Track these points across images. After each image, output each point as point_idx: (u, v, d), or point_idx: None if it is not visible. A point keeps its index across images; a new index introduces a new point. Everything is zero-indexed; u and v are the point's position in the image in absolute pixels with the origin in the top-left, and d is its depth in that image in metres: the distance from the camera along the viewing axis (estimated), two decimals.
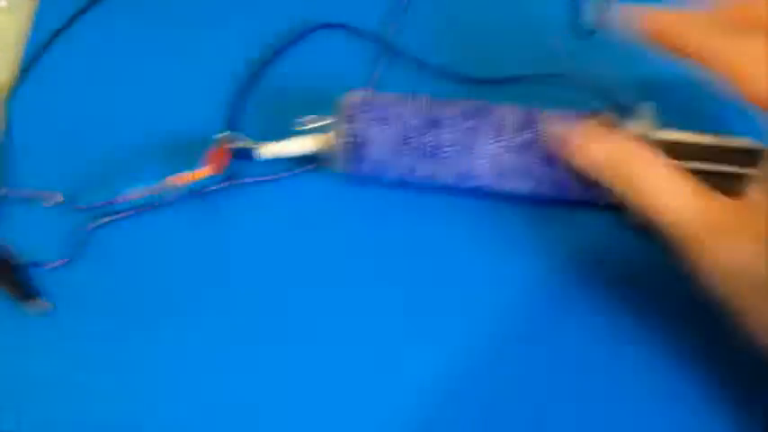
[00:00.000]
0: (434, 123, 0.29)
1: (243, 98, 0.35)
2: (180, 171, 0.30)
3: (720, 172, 0.30)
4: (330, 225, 0.32)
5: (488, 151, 0.29)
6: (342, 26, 0.37)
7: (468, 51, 0.36)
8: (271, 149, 0.31)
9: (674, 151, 0.30)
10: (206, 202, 0.32)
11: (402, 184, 0.31)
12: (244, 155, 0.32)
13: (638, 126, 0.31)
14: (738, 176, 0.30)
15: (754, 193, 0.25)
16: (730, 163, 0.30)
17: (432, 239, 0.32)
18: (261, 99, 0.35)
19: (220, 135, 0.32)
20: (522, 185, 0.30)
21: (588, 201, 0.31)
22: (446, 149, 0.29)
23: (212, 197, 0.32)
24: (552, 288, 0.31)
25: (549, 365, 0.29)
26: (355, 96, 0.30)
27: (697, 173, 0.30)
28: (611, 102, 0.33)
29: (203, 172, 0.30)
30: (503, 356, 0.30)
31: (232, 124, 0.34)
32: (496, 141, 0.29)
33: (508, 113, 0.30)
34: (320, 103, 0.31)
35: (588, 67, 0.35)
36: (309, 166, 0.32)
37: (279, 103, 0.35)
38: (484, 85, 0.35)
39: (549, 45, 0.35)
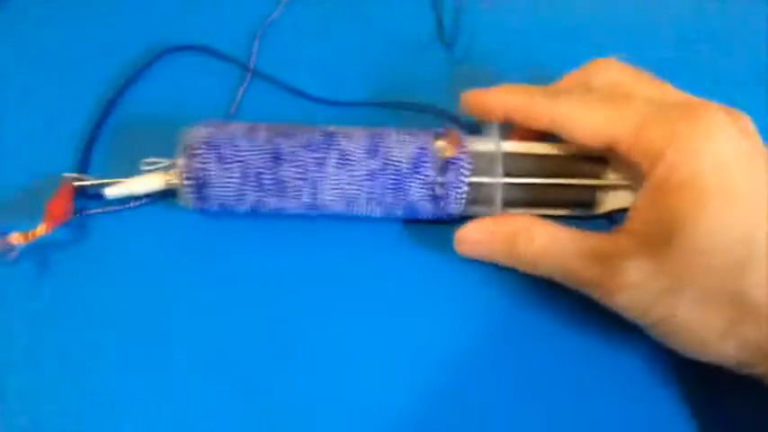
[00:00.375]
0: (277, 158, 0.29)
1: (94, 135, 0.33)
2: (24, 223, 0.29)
3: (569, 184, 0.30)
4: (188, 257, 0.31)
5: (335, 183, 0.29)
6: (197, 48, 0.35)
7: (327, 74, 0.35)
8: (117, 189, 0.30)
9: (521, 163, 0.30)
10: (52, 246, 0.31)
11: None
12: (92, 195, 0.31)
13: (485, 141, 0.30)
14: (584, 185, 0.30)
15: (631, 222, 0.26)
16: (577, 170, 0.30)
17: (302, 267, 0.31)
18: (115, 133, 0.33)
19: (63, 177, 0.31)
20: (373, 211, 0.30)
21: (443, 220, 0.31)
22: (291, 183, 0.29)
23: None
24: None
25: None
26: (197, 132, 0.29)
27: (548, 185, 0.30)
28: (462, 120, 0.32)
29: (41, 230, 0.28)
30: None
31: (83, 164, 0.32)
32: (342, 172, 0.29)
33: (353, 142, 0.29)
34: (177, 132, 0.30)
35: (451, 81, 0.35)
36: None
37: (135, 135, 0.33)
38: (345, 107, 0.34)
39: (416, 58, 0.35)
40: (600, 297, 0.26)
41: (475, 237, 0.29)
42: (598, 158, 0.30)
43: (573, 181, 0.30)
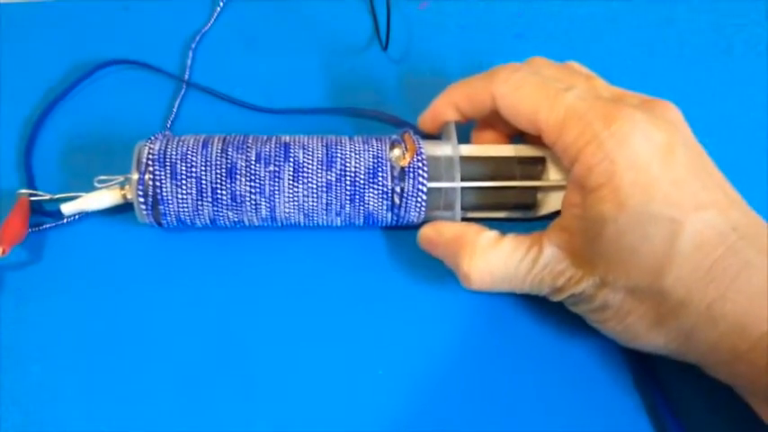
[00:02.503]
0: (231, 173, 0.28)
1: (29, 152, 0.32)
2: None
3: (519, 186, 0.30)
4: (150, 270, 0.31)
5: (291, 195, 0.28)
6: (130, 62, 0.35)
7: (265, 83, 0.35)
8: (74, 206, 0.30)
9: (477, 168, 0.30)
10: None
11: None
12: (45, 212, 0.31)
13: (441, 146, 0.30)
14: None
15: (563, 219, 0.27)
16: (517, 172, 0.30)
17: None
18: (52, 149, 0.33)
19: (18, 193, 0.30)
20: (331, 221, 0.30)
21: (401, 227, 0.31)
22: (247, 197, 0.28)
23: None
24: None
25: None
26: (149, 147, 0.29)
27: (502, 189, 0.30)
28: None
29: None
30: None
31: (28, 180, 0.32)
32: (298, 184, 0.28)
33: (308, 153, 0.29)
34: (121, 145, 0.30)
35: (390, 81, 0.35)
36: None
37: (73, 151, 0.33)
38: (287, 115, 0.34)
39: (355, 61, 0.35)
40: (547, 296, 0.28)
41: (431, 240, 0.29)
42: (537, 160, 0.30)
43: (518, 183, 0.30)
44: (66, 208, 0.30)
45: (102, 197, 0.30)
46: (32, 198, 0.31)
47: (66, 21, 0.36)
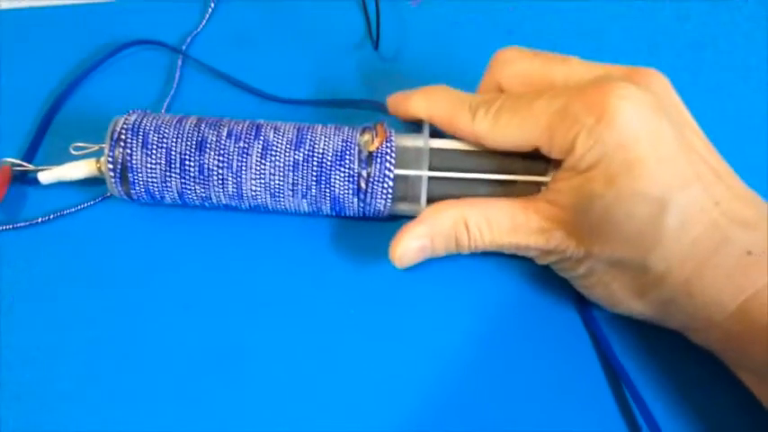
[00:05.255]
0: (201, 146, 0.29)
1: (44, 125, 0.34)
2: None
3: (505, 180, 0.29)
4: (134, 253, 0.31)
5: (258, 172, 0.29)
6: (143, 43, 0.36)
7: (258, 79, 0.35)
8: (50, 175, 0.31)
9: (458, 160, 0.29)
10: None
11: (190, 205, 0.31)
12: (29, 182, 0.32)
13: (414, 138, 0.30)
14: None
15: (552, 192, 0.27)
16: (519, 167, 0.29)
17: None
18: (67, 125, 0.34)
19: (3, 161, 0.31)
20: (298, 205, 0.30)
21: (368, 216, 0.30)
22: (215, 171, 0.29)
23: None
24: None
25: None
26: (125, 120, 0.29)
27: (475, 181, 0.29)
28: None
29: None
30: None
31: (29, 153, 0.33)
32: (266, 162, 0.28)
33: (279, 134, 0.29)
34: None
35: (382, 79, 0.35)
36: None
37: (84, 128, 0.33)
38: (285, 104, 0.35)
39: (347, 59, 0.36)
40: (533, 258, 0.29)
41: (416, 246, 0.28)
42: (540, 156, 0.29)
43: (499, 176, 0.29)
44: (43, 176, 0.31)
45: (78, 167, 0.30)
46: (17, 168, 0.32)
47: (62, 23, 0.38)
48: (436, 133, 0.30)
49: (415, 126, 0.31)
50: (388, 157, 0.29)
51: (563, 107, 0.25)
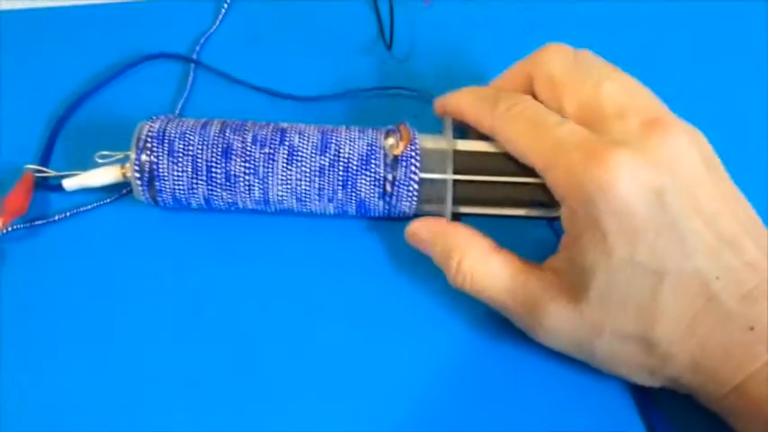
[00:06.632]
0: (227, 153, 0.29)
1: (58, 131, 0.34)
2: None
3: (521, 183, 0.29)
4: (148, 253, 0.31)
5: (284, 178, 0.29)
6: (163, 57, 0.36)
7: (278, 83, 0.35)
8: (75, 181, 0.31)
9: (481, 162, 0.30)
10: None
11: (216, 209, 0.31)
12: (51, 188, 0.32)
13: (437, 139, 0.30)
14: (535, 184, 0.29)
15: (556, 260, 0.27)
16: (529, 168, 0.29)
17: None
18: (79, 133, 0.34)
19: (25, 168, 0.31)
20: (324, 208, 0.30)
21: (394, 217, 0.31)
22: (241, 178, 0.29)
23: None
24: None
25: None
26: (149, 126, 0.29)
27: (500, 184, 0.29)
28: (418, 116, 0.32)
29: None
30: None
31: (44, 158, 0.33)
32: (292, 167, 0.29)
33: (304, 138, 0.29)
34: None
35: (395, 80, 0.35)
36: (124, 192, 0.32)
37: (101, 134, 0.34)
38: (299, 102, 0.35)
39: (360, 60, 0.36)
40: (524, 330, 0.27)
41: (421, 236, 0.29)
42: None
43: (524, 179, 0.29)
44: (68, 183, 0.31)
45: (103, 174, 0.30)
46: (39, 174, 0.32)
47: (73, 25, 0.37)
48: (460, 135, 0.30)
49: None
50: (413, 161, 0.29)
51: (567, 146, 0.24)
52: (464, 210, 0.30)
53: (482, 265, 0.27)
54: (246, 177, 0.29)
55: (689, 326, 0.24)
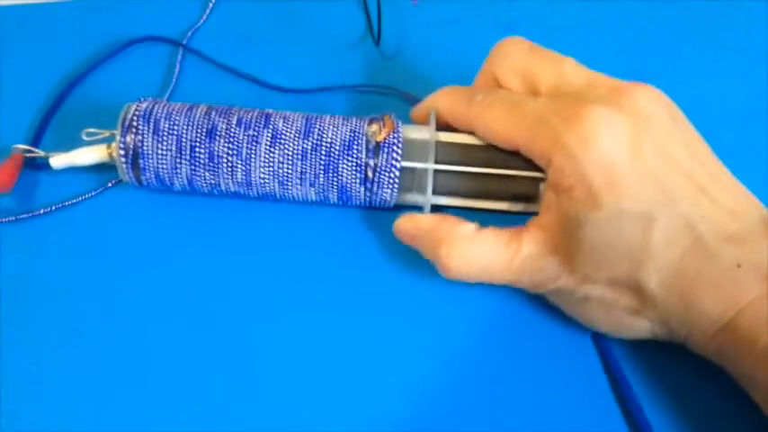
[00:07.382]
0: (211, 133, 0.29)
1: (49, 115, 0.34)
2: None
3: (504, 175, 0.30)
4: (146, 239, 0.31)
5: (266, 160, 0.29)
6: (152, 39, 0.37)
7: (264, 78, 0.36)
8: (62, 159, 0.31)
9: (464, 154, 0.30)
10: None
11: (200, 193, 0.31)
12: (39, 167, 0.32)
13: (420, 129, 0.30)
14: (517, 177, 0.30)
15: (542, 218, 0.27)
16: (523, 163, 0.30)
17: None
18: (70, 118, 0.34)
19: (14, 147, 0.32)
20: (306, 193, 0.30)
21: (375, 206, 0.31)
22: (224, 159, 0.29)
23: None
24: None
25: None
26: (137, 106, 0.30)
27: (482, 175, 0.29)
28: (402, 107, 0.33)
29: None
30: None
31: (36, 139, 0.33)
32: (275, 150, 0.29)
33: (288, 123, 0.29)
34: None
35: (383, 76, 0.36)
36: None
37: (89, 118, 0.33)
38: (285, 94, 0.35)
39: (348, 56, 0.36)
40: (524, 289, 0.28)
41: (407, 232, 0.29)
42: None
43: (505, 171, 0.29)
44: (55, 161, 0.31)
45: (89, 153, 0.31)
46: (28, 155, 0.32)
47: (64, 17, 0.38)
48: (443, 128, 0.31)
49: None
50: (395, 148, 0.29)
51: (545, 116, 0.26)
52: (446, 202, 0.30)
53: (469, 249, 0.27)
54: (230, 158, 0.29)
55: (677, 266, 0.24)
